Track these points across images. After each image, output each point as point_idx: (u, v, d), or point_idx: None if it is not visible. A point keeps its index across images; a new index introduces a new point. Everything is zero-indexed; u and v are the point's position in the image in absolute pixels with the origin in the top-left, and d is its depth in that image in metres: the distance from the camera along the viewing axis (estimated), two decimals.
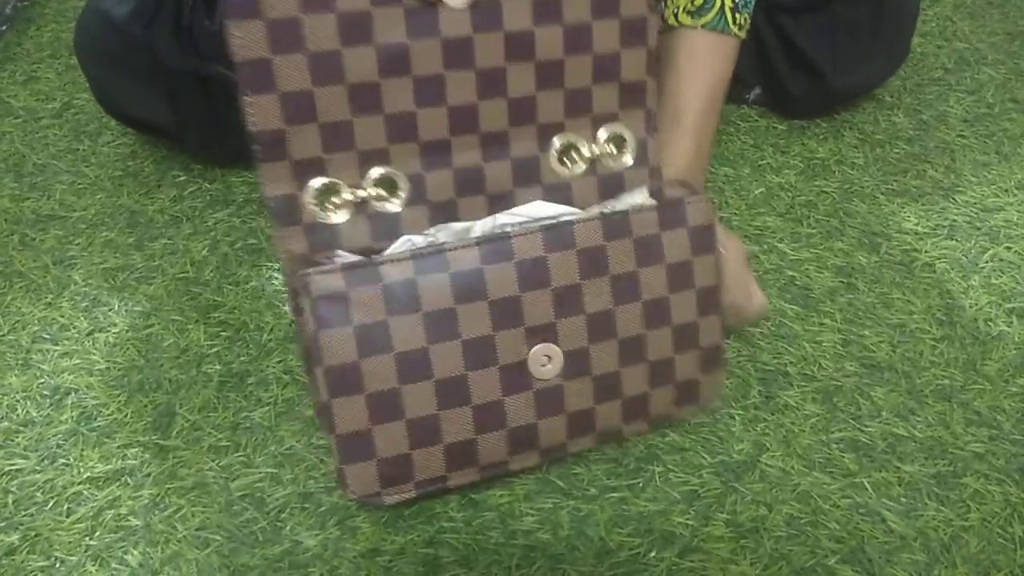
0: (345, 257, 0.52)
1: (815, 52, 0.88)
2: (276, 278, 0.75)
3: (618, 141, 0.56)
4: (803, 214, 0.84)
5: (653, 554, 0.57)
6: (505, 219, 0.54)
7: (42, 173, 0.86)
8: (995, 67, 1.04)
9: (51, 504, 0.59)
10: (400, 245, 0.53)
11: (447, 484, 0.56)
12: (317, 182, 0.51)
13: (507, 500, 0.60)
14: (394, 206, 0.53)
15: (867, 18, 0.88)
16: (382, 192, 0.52)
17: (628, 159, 0.57)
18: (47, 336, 0.70)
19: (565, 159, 0.55)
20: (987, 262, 0.79)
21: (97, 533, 0.58)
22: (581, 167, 0.55)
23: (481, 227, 0.54)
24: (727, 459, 0.63)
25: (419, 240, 0.53)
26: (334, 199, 0.52)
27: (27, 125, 0.92)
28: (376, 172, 0.52)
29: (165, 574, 0.56)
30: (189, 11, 0.74)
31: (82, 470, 0.61)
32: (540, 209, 0.55)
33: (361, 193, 0.52)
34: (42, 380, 0.67)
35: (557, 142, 0.55)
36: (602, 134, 0.56)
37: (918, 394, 0.68)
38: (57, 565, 0.56)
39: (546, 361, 0.54)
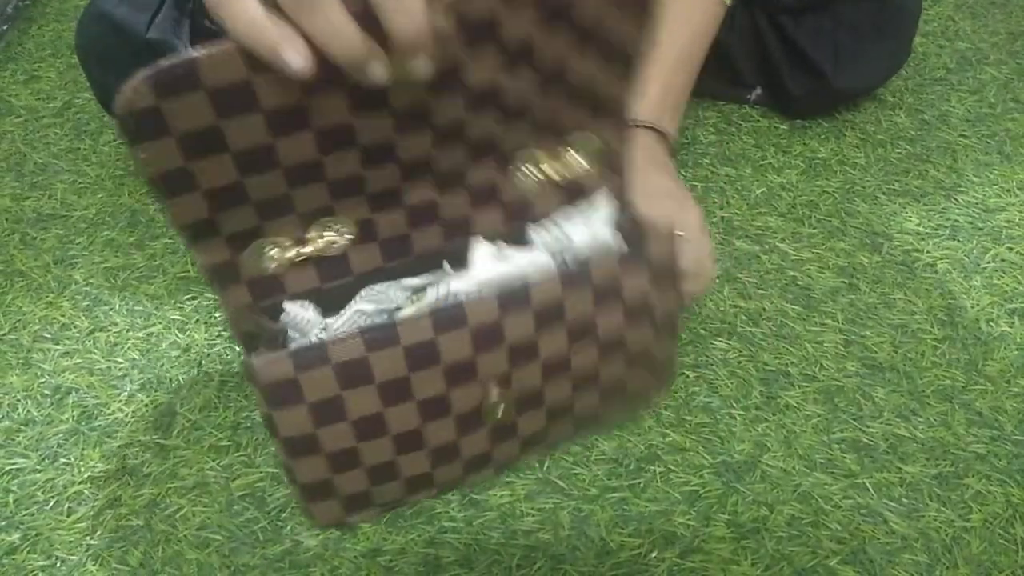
0: (291, 312, 0.49)
1: (816, 52, 0.88)
2: None
3: (584, 146, 0.52)
4: (804, 214, 0.84)
5: (654, 554, 0.57)
6: (460, 285, 0.51)
7: (43, 172, 0.86)
8: (997, 67, 1.04)
9: (52, 503, 0.59)
10: (349, 319, 0.51)
11: (405, 502, 0.58)
12: (255, 244, 0.46)
13: (508, 500, 0.60)
14: (340, 248, 0.48)
15: (868, 18, 0.88)
16: (328, 237, 0.48)
17: (590, 161, 0.53)
18: (48, 335, 0.70)
19: (526, 171, 0.51)
20: (989, 262, 0.79)
21: (98, 532, 0.58)
22: (541, 179, 0.52)
23: (434, 293, 0.51)
24: (728, 459, 0.63)
25: (369, 308, 0.51)
26: (275, 253, 0.47)
27: (28, 124, 0.92)
28: (320, 221, 0.47)
29: (166, 574, 0.56)
30: (190, 12, 0.74)
31: (83, 469, 0.61)
32: (496, 270, 0.53)
33: (305, 250, 0.47)
34: (43, 379, 0.67)
35: (520, 162, 0.51)
36: (571, 148, 0.52)
37: (920, 395, 0.68)
38: (58, 564, 0.56)
39: (500, 406, 0.54)
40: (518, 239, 0.54)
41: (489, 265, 0.53)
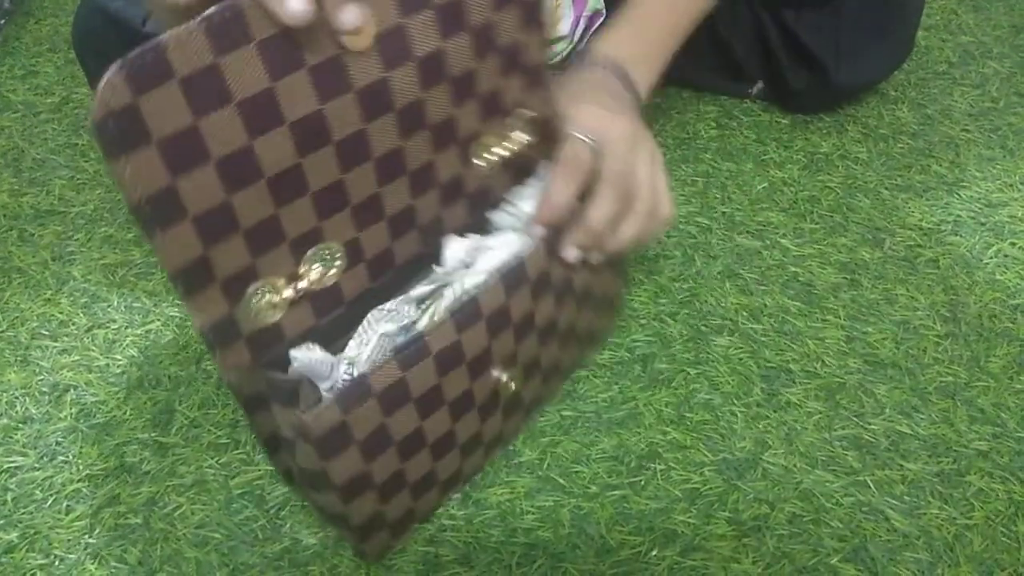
0: (301, 359, 0.49)
1: (818, 46, 0.87)
2: None
3: (527, 126, 0.54)
4: (806, 209, 0.83)
5: (654, 552, 0.57)
6: (471, 280, 0.52)
7: (41, 168, 0.85)
8: (1000, 61, 1.03)
9: (50, 501, 0.59)
10: (377, 345, 0.50)
11: (439, 508, 0.60)
12: (252, 288, 0.45)
13: (508, 498, 0.60)
14: (333, 278, 0.48)
15: (870, 12, 0.87)
16: (320, 269, 0.47)
17: (532, 136, 0.54)
18: (46, 332, 0.70)
19: (480, 158, 0.53)
20: (992, 258, 0.79)
21: (96, 531, 0.58)
22: (495, 163, 0.53)
23: (451, 293, 0.52)
24: (729, 457, 0.63)
25: (391, 328, 0.51)
26: (272, 298, 0.46)
27: (26, 119, 0.91)
28: (311, 252, 0.47)
29: (164, 572, 0.56)
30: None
31: (81, 467, 0.61)
32: (495, 256, 0.54)
33: (301, 285, 0.47)
34: (41, 377, 0.67)
35: (476, 150, 0.52)
36: (513, 124, 0.53)
37: (922, 391, 0.68)
38: (56, 563, 0.56)
39: (509, 384, 0.55)
40: (483, 228, 0.56)
41: (490, 257, 0.54)
